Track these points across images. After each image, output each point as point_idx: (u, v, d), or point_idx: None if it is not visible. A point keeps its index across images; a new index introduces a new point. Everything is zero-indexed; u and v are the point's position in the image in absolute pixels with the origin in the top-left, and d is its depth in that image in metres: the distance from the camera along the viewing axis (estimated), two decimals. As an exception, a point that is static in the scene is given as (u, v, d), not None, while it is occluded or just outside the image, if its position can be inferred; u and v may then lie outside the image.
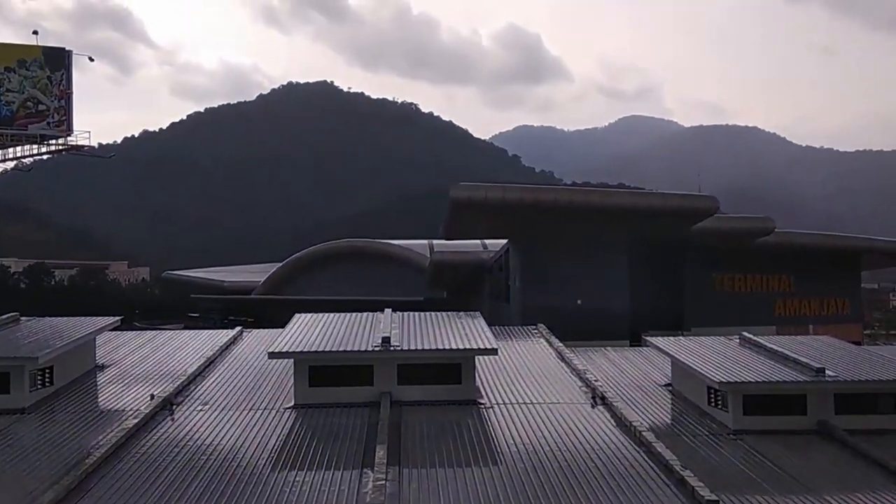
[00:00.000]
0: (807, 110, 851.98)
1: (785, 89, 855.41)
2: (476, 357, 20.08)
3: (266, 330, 27.43)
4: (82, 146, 71.35)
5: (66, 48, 70.54)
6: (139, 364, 23.48)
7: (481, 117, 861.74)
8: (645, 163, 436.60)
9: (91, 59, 75.60)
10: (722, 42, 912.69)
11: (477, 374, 20.31)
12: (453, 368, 19.60)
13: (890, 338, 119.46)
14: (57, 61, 69.23)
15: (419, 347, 19.70)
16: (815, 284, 54.24)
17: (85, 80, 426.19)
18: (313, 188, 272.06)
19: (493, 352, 20.00)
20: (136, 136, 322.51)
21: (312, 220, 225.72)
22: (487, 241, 61.74)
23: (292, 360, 19.83)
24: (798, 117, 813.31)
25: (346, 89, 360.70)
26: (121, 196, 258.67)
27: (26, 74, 68.30)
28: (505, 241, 50.74)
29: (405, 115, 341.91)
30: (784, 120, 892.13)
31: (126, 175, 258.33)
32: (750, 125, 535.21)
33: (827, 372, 18.29)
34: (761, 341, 21.41)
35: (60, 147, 70.72)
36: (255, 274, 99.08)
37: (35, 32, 71.10)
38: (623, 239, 44.28)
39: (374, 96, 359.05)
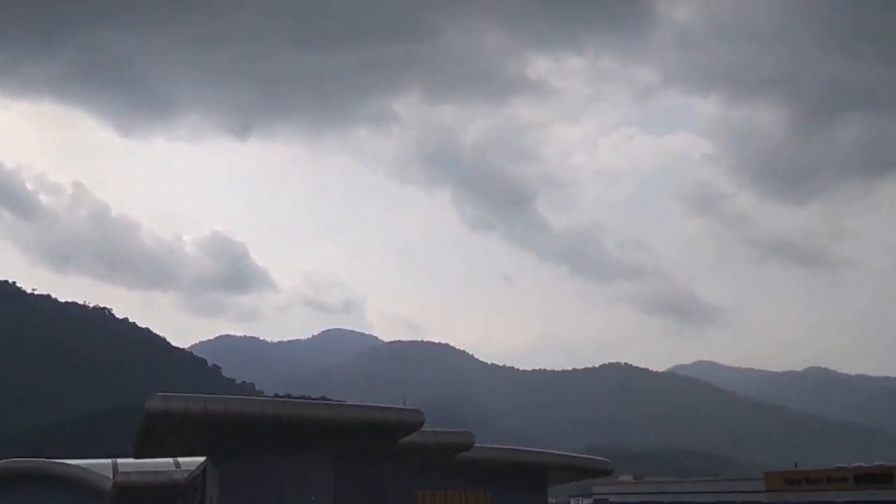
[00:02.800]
0: (491, 330, 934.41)
1: (472, 310, 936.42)
2: None
3: None
4: None
5: None
6: None
7: (182, 325, 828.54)
8: (346, 375, 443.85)
9: None
10: (417, 263, 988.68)
11: None
12: None
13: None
14: None
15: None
16: (509, 500, 56.39)
17: None
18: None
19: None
20: None
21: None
22: (182, 459, 57.20)
23: None
24: (484, 337, 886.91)
25: (30, 291, 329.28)
26: None
27: None
28: (203, 458, 47.33)
29: (96, 321, 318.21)
30: (472, 339, 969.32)
31: None
32: (443, 342, 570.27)
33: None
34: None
35: None
36: None
37: None
38: (330, 454, 43.36)
39: (62, 299, 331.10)
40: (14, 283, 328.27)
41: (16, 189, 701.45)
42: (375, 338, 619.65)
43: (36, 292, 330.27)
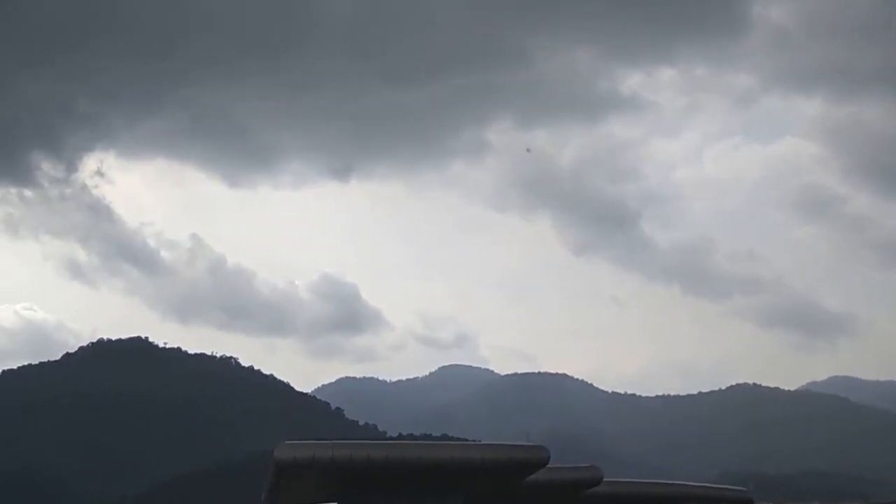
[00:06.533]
0: (606, 356, 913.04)
1: (584, 337, 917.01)
2: None
3: None
4: None
5: None
6: None
7: (303, 369, 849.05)
8: (465, 411, 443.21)
9: None
10: (524, 292, 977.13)
11: None
12: None
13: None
14: None
15: None
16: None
17: None
18: (127, 454, 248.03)
19: None
20: None
21: (113, 495, 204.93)
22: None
23: None
24: (600, 363, 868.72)
25: (161, 345, 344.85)
26: None
27: None
28: (334, 504, 47.71)
29: (225, 371, 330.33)
30: (590, 367, 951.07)
31: None
32: (560, 372, 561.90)
33: None
34: None
35: None
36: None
37: None
38: (456, 495, 42.89)
39: (191, 351, 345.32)
40: (146, 337, 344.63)
41: (139, 247, 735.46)
42: (492, 371, 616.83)
43: (167, 345, 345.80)
